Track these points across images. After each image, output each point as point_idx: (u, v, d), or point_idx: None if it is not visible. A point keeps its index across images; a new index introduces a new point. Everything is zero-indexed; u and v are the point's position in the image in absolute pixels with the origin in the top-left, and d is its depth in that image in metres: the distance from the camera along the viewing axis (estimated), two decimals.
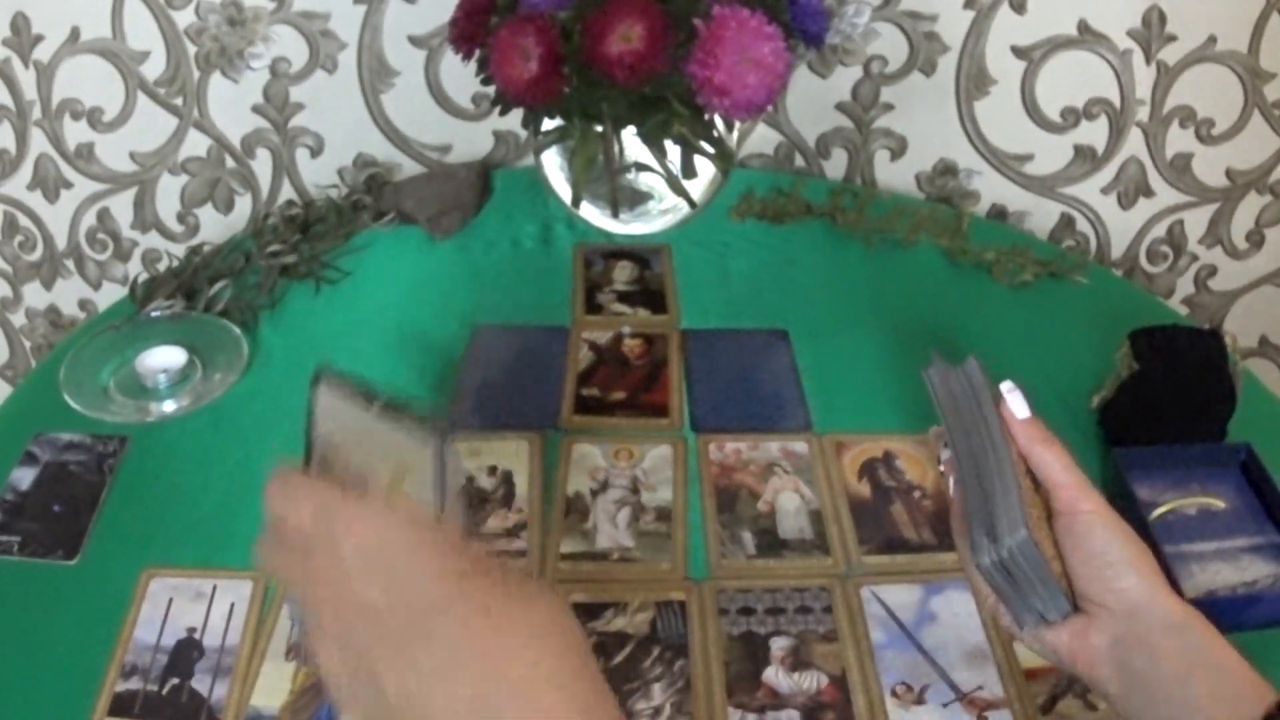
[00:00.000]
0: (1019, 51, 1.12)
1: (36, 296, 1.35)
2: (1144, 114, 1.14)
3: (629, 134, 0.88)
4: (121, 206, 1.26)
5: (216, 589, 0.75)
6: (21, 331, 1.40)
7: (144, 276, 1.02)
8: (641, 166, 0.94)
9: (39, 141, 1.22)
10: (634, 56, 0.79)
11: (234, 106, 1.19)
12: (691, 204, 0.96)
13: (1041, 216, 1.21)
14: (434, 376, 0.92)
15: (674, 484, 0.83)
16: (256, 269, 1.04)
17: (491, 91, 0.86)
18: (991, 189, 1.20)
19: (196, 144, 1.21)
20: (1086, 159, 1.17)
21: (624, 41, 0.79)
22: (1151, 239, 1.23)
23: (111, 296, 1.30)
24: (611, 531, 0.79)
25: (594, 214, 0.99)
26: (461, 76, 1.12)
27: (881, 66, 1.14)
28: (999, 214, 1.21)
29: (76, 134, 1.21)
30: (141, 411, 0.89)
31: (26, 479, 0.83)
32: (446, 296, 1.02)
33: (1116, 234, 1.22)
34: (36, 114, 1.20)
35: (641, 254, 1.07)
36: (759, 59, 0.79)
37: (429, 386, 0.91)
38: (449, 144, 1.22)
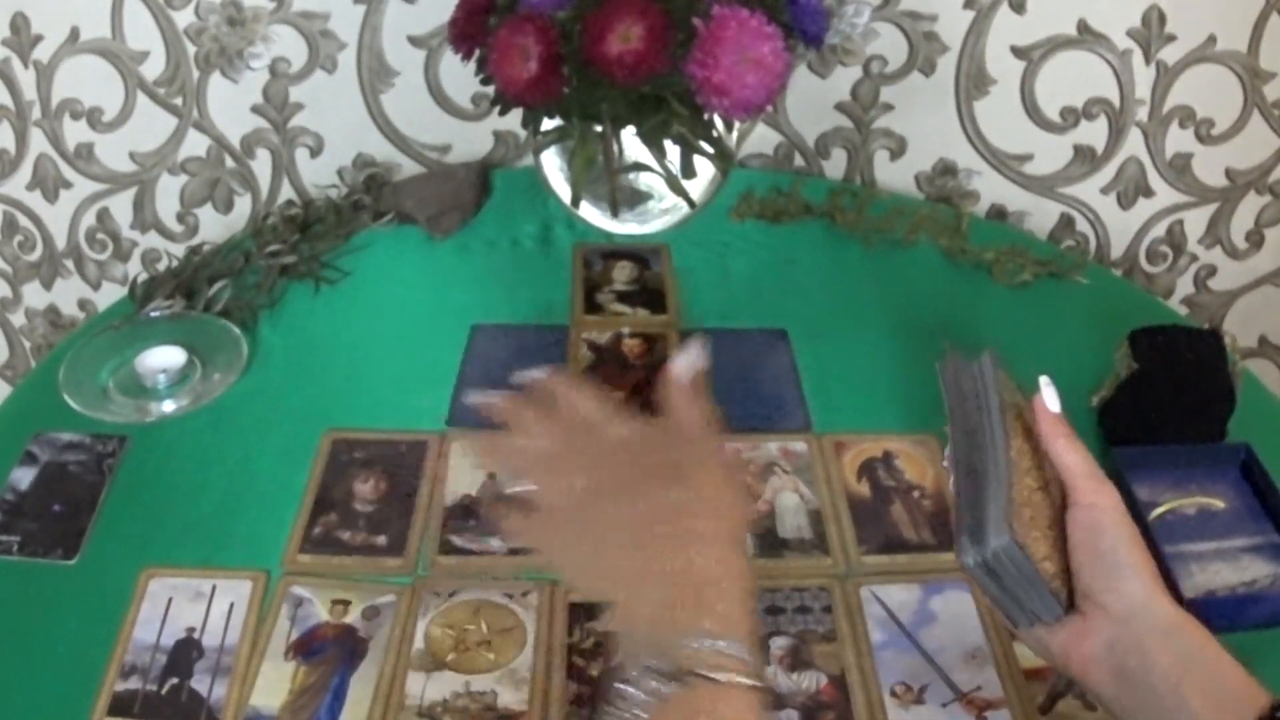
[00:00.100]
0: (1018, 51, 1.12)
1: (36, 296, 1.35)
2: (1143, 114, 1.14)
3: (629, 134, 0.88)
4: (121, 206, 1.26)
5: (216, 589, 0.75)
6: (21, 331, 1.40)
7: (143, 276, 1.02)
8: (641, 166, 0.94)
9: (38, 141, 1.22)
10: (634, 56, 0.79)
11: (234, 106, 1.19)
12: (691, 204, 0.96)
13: (1041, 216, 1.21)
14: (434, 376, 0.92)
15: None
16: (256, 269, 1.04)
17: (491, 91, 0.86)
18: (991, 189, 1.20)
19: (196, 144, 1.21)
20: (1086, 159, 1.17)
21: (624, 41, 0.79)
22: (1151, 239, 1.23)
23: (111, 296, 1.30)
24: None
25: (594, 214, 0.99)
26: (461, 76, 1.12)
27: (881, 66, 1.14)
28: (999, 214, 1.21)
29: (76, 134, 1.21)
30: (141, 411, 0.89)
31: (26, 479, 0.83)
32: (446, 296, 1.02)
33: (1116, 234, 1.22)
34: (36, 114, 1.20)
35: (641, 254, 1.07)
36: (759, 59, 0.79)
37: (429, 386, 0.91)
38: (449, 144, 1.22)
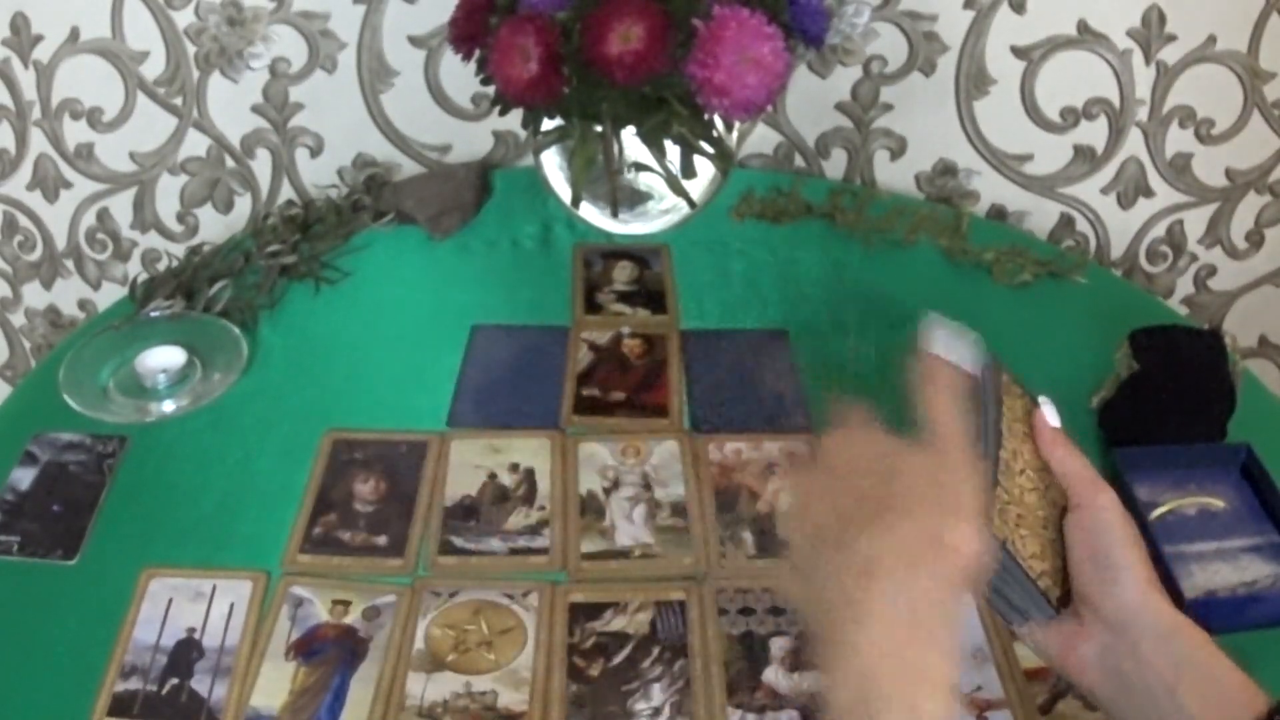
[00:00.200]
0: (1018, 51, 1.12)
1: (36, 296, 1.35)
2: (1143, 114, 1.14)
3: (629, 134, 0.88)
4: (121, 206, 1.26)
5: (216, 589, 0.75)
6: (21, 331, 1.40)
7: (144, 276, 1.02)
8: (641, 166, 0.94)
9: (38, 141, 1.22)
10: (634, 56, 0.79)
11: (233, 106, 1.18)
12: (691, 204, 0.96)
13: (1041, 216, 1.21)
14: (434, 376, 0.92)
15: (685, 479, 0.83)
16: (256, 269, 1.04)
17: (491, 91, 0.86)
18: (991, 189, 1.20)
19: (196, 144, 1.21)
20: (1086, 159, 1.17)
21: (624, 41, 0.79)
22: (1151, 239, 1.23)
23: (111, 296, 1.30)
24: (630, 529, 0.79)
25: (594, 214, 0.99)
26: (461, 76, 1.12)
27: (881, 66, 1.14)
28: (998, 214, 1.21)
29: (76, 134, 1.21)
30: (141, 411, 0.89)
31: (26, 479, 0.83)
32: (446, 296, 1.02)
33: (1116, 234, 1.22)
34: (36, 114, 1.20)
35: (641, 254, 1.07)
36: (759, 59, 0.79)
37: (429, 387, 0.91)
38: (449, 144, 1.22)
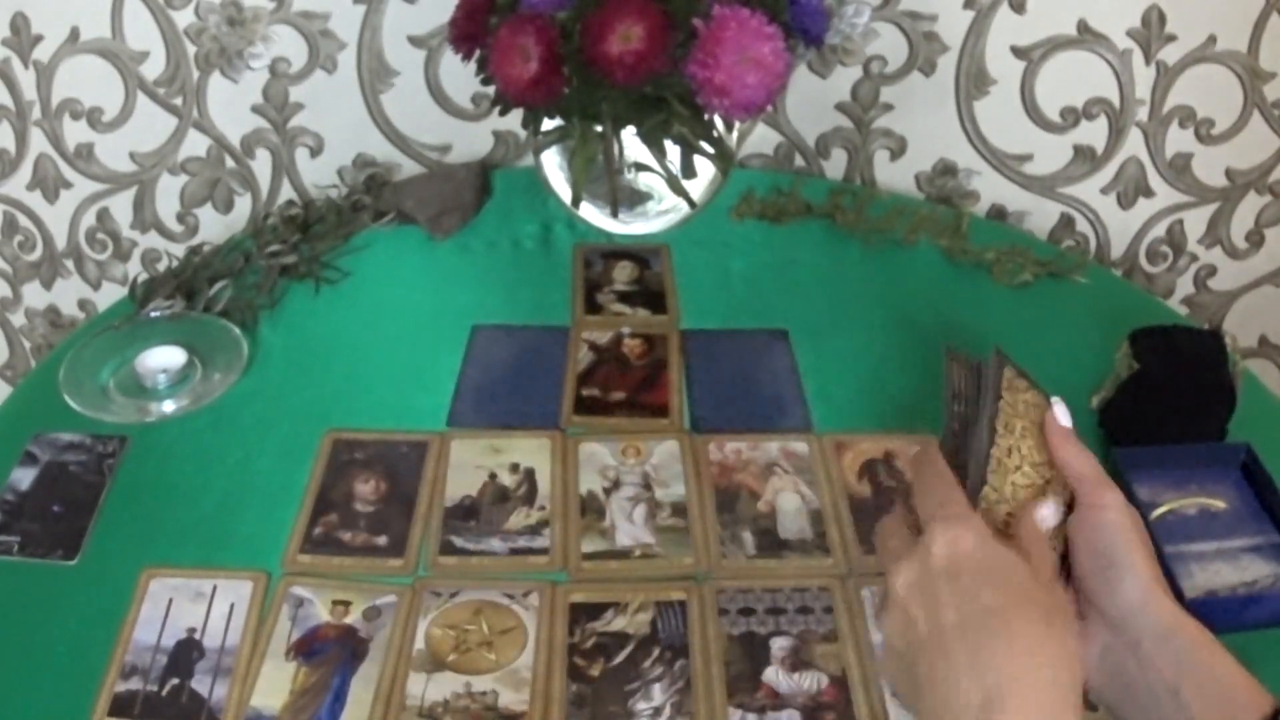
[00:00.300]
0: (1019, 51, 1.12)
1: (36, 296, 1.35)
2: (1143, 114, 1.14)
3: (629, 134, 0.88)
4: (121, 206, 1.26)
5: (216, 589, 0.75)
6: (21, 331, 1.40)
7: (144, 276, 1.02)
8: (641, 166, 0.94)
9: (38, 141, 1.22)
10: (634, 56, 0.79)
11: (234, 106, 1.18)
12: (691, 204, 0.96)
13: (1041, 216, 1.21)
14: (434, 376, 0.92)
15: (685, 479, 0.83)
16: (256, 269, 1.04)
17: (491, 91, 0.86)
18: (991, 189, 1.20)
19: (196, 144, 1.21)
20: (1086, 159, 1.17)
21: (624, 41, 0.79)
22: (1151, 239, 1.23)
23: (111, 296, 1.30)
24: (630, 529, 0.79)
25: (594, 214, 0.99)
26: (461, 76, 1.12)
27: (881, 66, 1.14)
28: (999, 214, 1.21)
29: (76, 134, 1.21)
30: (141, 411, 0.89)
31: (26, 479, 0.83)
32: (446, 296, 1.02)
33: (1116, 234, 1.22)
34: (36, 114, 1.20)
35: (641, 254, 1.07)
36: (759, 59, 0.79)
37: (429, 387, 0.91)
38: (449, 144, 1.22)
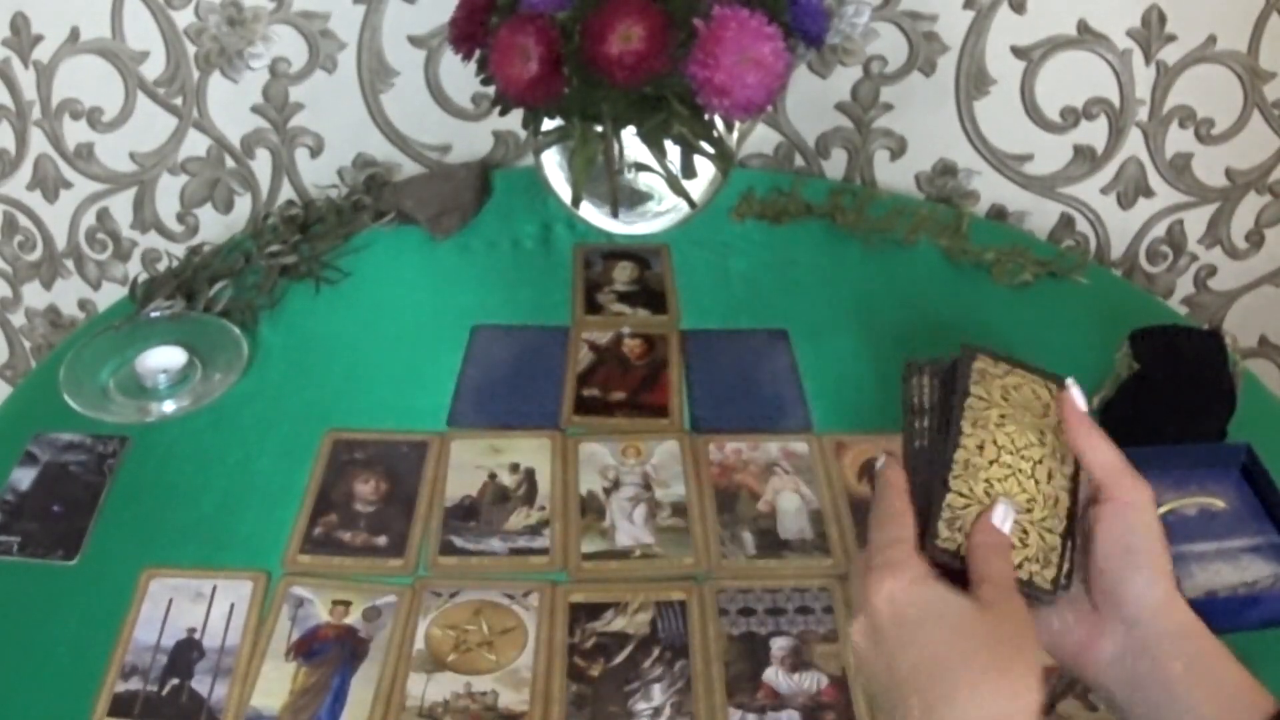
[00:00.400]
0: (1019, 51, 1.12)
1: (36, 296, 1.35)
2: (1144, 114, 1.14)
3: (629, 134, 0.88)
4: (121, 206, 1.26)
5: (216, 589, 0.75)
6: (21, 331, 1.40)
7: (144, 276, 1.02)
8: (641, 166, 0.94)
9: (38, 141, 1.22)
10: (634, 56, 0.79)
11: (234, 106, 1.18)
12: (691, 204, 0.96)
13: (1041, 216, 1.21)
14: (434, 376, 0.92)
15: (685, 479, 0.83)
16: (256, 269, 1.04)
17: (491, 91, 0.86)
18: (991, 189, 1.20)
19: (196, 144, 1.21)
20: (1086, 159, 1.17)
21: (624, 41, 0.79)
22: (1151, 239, 1.23)
23: (111, 296, 1.30)
24: (630, 529, 0.79)
25: (594, 214, 0.99)
26: (461, 76, 1.12)
27: (881, 66, 1.14)
28: (999, 214, 1.21)
29: (76, 134, 1.21)
30: (141, 411, 0.89)
31: (26, 479, 0.83)
32: (446, 296, 1.02)
33: (1116, 234, 1.22)
34: (36, 114, 1.20)
35: (641, 254, 1.07)
36: (759, 59, 0.79)
37: (429, 387, 0.91)
38: (449, 144, 1.22)
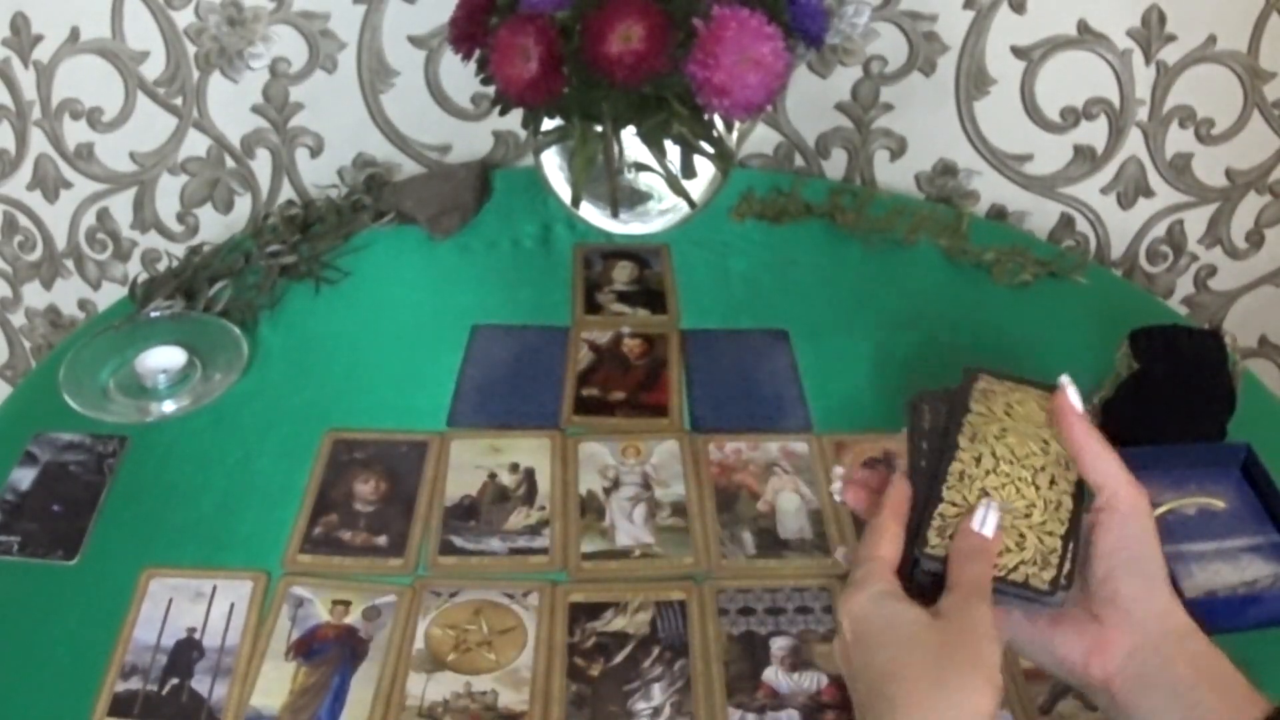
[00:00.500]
0: (1019, 51, 1.12)
1: (36, 296, 1.35)
2: (1144, 114, 1.14)
3: (629, 134, 0.88)
4: (121, 206, 1.26)
5: (216, 589, 0.75)
6: (21, 331, 1.40)
7: (144, 276, 1.02)
8: (641, 166, 0.94)
9: (38, 141, 1.22)
10: (634, 56, 0.79)
11: (234, 106, 1.18)
12: (691, 204, 0.96)
13: (1041, 216, 1.21)
14: (434, 376, 0.92)
15: (685, 479, 0.83)
16: (256, 269, 1.04)
17: (491, 91, 0.86)
18: (991, 189, 1.20)
19: (196, 144, 1.21)
20: (1086, 159, 1.17)
21: (624, 41, 0.79)
22: (1151, 239, 1.23)
23: (111, 296, 1.30)
24: (630, 529, 0.79)
25: (594, 214, 0.99)
26: (461, 76, 1.12)
27: (881, 66, 1.14)
28: (999, 214, 1.21)
29: (76, 134, 1.21)
30: (141, 411, 0.89)
31: (26, 479, 0.83)
32: (446, 296, 1.02)
33: (1116, 234, 1.22)
34: (36, 114, 1.20)
35: (641, 254, 1.07)
36: (759, 59, 0.79)
37: (429, 387, 0.91)
38: (449, 144, 1.22)
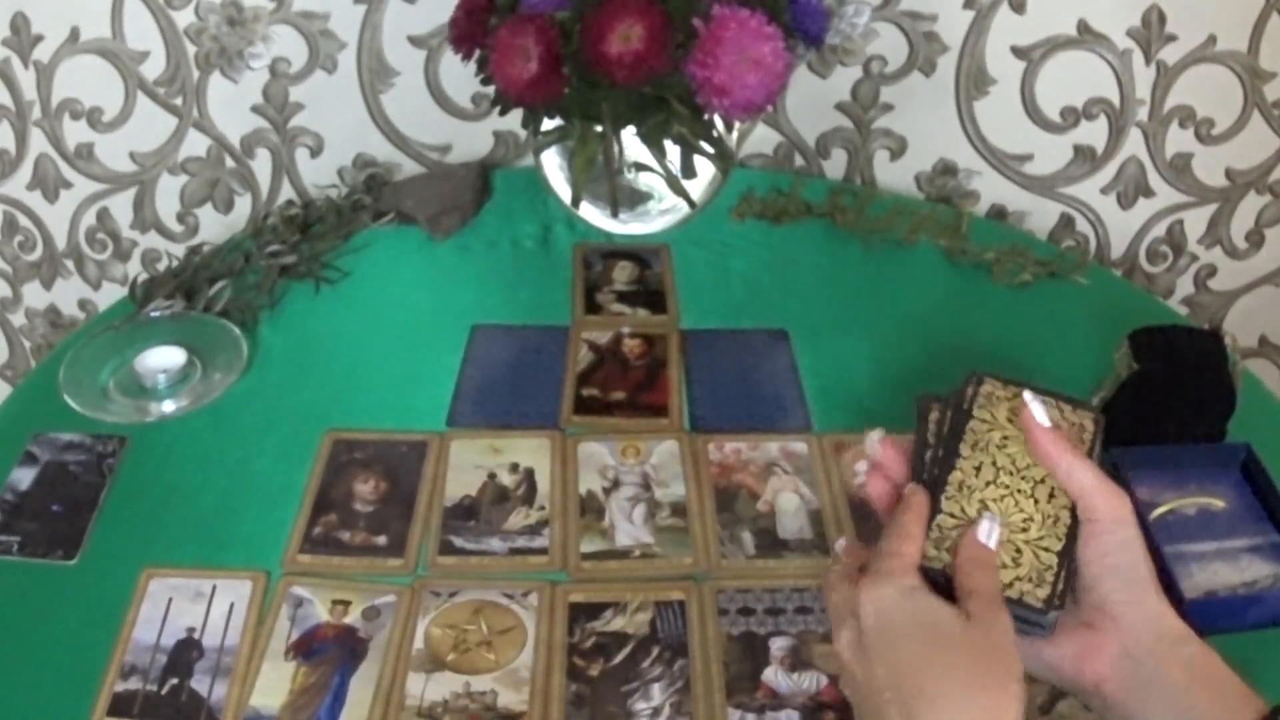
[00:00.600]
0: (1019, 51, 1.12)
1: (36, 296, 1.35)
2: (1144, 114, 1.14)
3: (629, 134, 0.88)
4: (121, 206, 1.26)
5: (216, 589, 0.75)
6: (21, 331, 1.40)
7: (144, 276, 1.02)
8: (641, 166, 0.94)
9: (39, 141, 1.22)
10: (634, 56, 0.79)
11: (234, 106, 1.19)
12: (691, 204, 0.96)
13: (1041, 216, 1.21)
14: (434, 376, 0.92)
15: (685, 479, 0.83)
16: (256, 269, 1.04)
17: (491, 91, 0.86)
18: (991, 189, 1.20)
19: (196, 144, 1.21)
20: (1086, 159, 1.17)
21: (624, 41, 0.79)
22: (1151, 239, 1.23)
23: (111, 296, 1.30)
24: (630, 529, 0.79)
25: (594, 214, 0.99)
26: (461, 76, 1.12)
27: (881, 66, 1.14)
28: (999, 214, 1.21)
29: (76, 134, 1.21)
30: (141, 411, 0.89)
31: (26, 479, 0.83)
32: (446, 296, 1.02)
33: (1116, 234, 1.22)
34: (36, 114, 1.20)
35: (641, 254, 1.07)
36: (759, 59, 0.79)
37: (429, 387, 0.91)
38: (449, 144, 1.22)
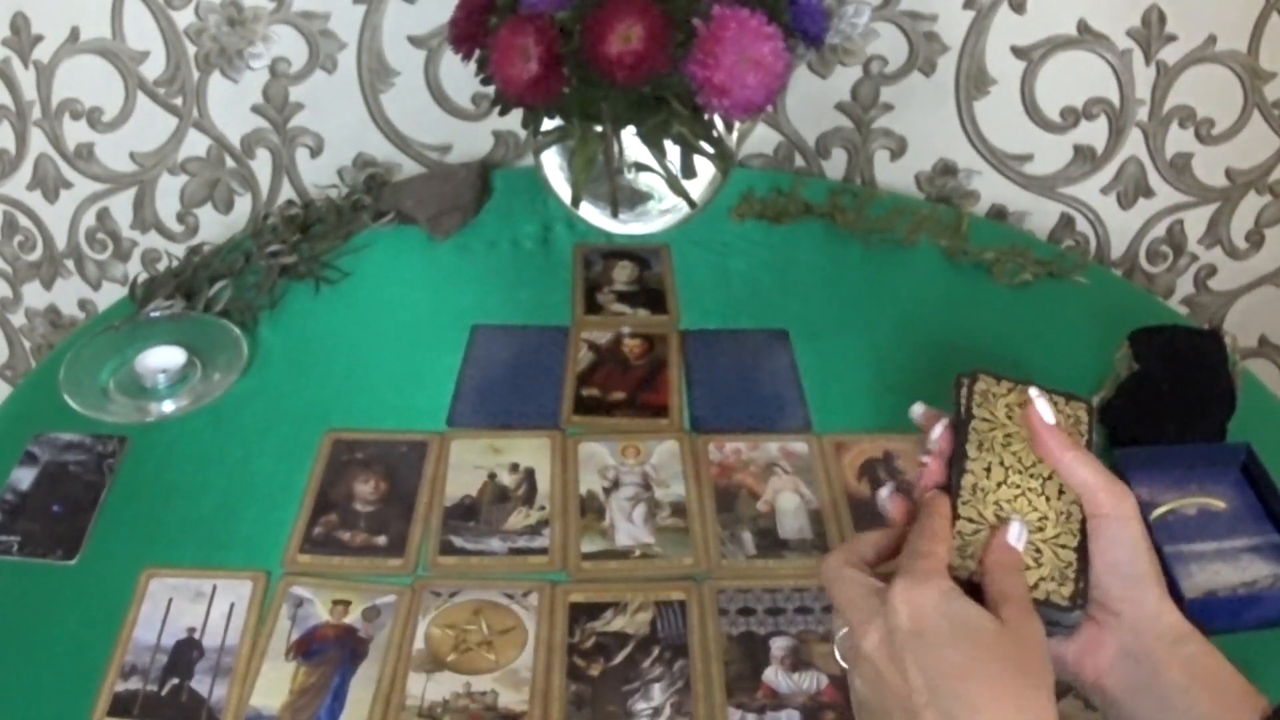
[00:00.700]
0: (1019, 51, 1.12)
1: (36, 296, 1.35)
2: (1144, 114, 1.14)
3: (629, 134, 0.88)
4: (121, 206, 1.26)
5: (216, 589, 0.75)
6: (21, 331, 1.40)
7: (144, 276, 1.02)
8: (641, 166, 0.94)
9: (39, 141, 1.22)
10: (634, 56, 0.79)
11: (234, 106, 1.19)
12: (691, 204, 0.96)
13: (1041, 216, 1.21)
14: (434, 376, 0.92)
15: (685, 479, 0.83)
16: (256, 269, 1.04)
17: (491, 91, 0.86)
18: (991, 189, 1.20)
19: (196, 144, 1.21)
20: (1086, 159, 1.17)
21: (624, 41, 0.79)
22: (1151, 239, 1.23)
23: (111, 296, 1.30)
24: (630, 529, 0.79)
25: (594, 214, 0.99)
26: (461, 76, 1.12)
27: (881, 66, 1.14)
28: (999, 214, 1.21)
29: (76, 134, 1.21)
30: (141, 411, 0.89)
31: (26, 479, 0.83)
32: (446, 296, 1.02)
33: (1116, 234, 1.22)
34: (36, 114, 1.20)
35: (641, 254, 1.07)
36: (759, 59, 0.79)
37: (429, 387, 0.91)
38: (449, 144, 1.22)
